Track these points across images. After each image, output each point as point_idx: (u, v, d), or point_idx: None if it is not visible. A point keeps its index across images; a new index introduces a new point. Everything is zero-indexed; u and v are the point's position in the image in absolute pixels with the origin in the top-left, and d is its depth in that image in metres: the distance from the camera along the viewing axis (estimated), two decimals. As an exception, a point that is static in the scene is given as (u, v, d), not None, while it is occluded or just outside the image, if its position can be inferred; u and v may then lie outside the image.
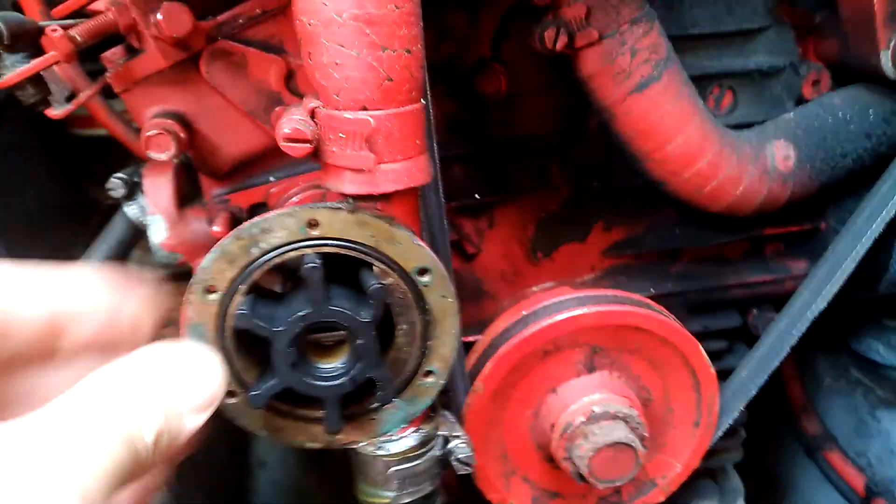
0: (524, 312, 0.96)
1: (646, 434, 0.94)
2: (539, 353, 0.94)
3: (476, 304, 1.06)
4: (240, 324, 0.68)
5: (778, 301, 1.08)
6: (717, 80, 0.99)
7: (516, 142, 0.98)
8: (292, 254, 0.68)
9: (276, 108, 0.86)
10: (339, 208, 0.68)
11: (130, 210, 1.05)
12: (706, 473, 1.18)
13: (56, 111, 0.95)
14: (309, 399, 0.74)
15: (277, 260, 0.68)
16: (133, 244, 1.12)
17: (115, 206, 1.12)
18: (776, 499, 1.60)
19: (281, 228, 0.68)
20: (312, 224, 0.68)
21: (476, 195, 0.99)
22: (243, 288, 0.69)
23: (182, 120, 0.88)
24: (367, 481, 0.80)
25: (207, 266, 0.68)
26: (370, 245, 0.69)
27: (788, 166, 0.93)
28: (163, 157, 0.85)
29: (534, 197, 1.02)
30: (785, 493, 1.61)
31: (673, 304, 1.01)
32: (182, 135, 0.86)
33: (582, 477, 0.93)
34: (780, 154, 0.93)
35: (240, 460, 1.90)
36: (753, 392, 1.01)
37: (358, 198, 0.68)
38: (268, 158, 0.91)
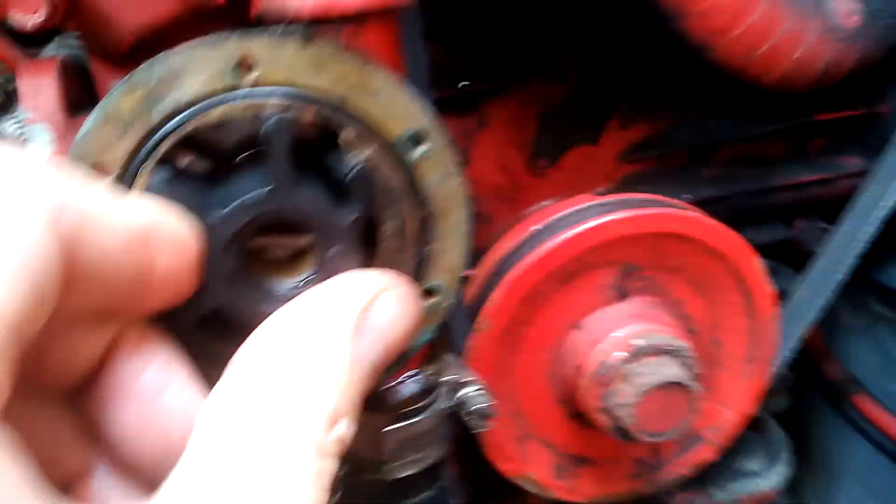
0: (534, 228, 0.75)
1: (699, 372, 0.73)
2: (558, 276, 0.73)
3: (466, 231, 0.84)
4: None
5: (827, 208, 0.89)
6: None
7: (511, 13, 0.76)
8: (216, 112, 0.45)
9: (192, -42, 0.63)
10: (286, 37, 0.45)
11: (6, 125, 0.80)
12: (748, 425, 0.99)
13: None
14: None
15: (194, 124, 0.45)
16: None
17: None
18: (799, 459, 1.43)
19: (198, 71, 0.45)
20: (245, 64, 0.45)
21: (461, 84, 0.77)
22: (147, 168, 0.46)
23: (62, -24, 0.63)
24: (356, 446, 0.57)
25: (88, 137, 0.45)
26: (335, 95, 0.46)
27: (853, 23, 0.74)
28: (29, 22, 0.60)
29: (534, 86, 0.80)
30: (808, 451, 1.44)
31: (710, 214, 0.81)
32: (60, -7, 0.61)
33: (624, 432, 0.72)
34: (843, 9, 0.74)
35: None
36: (815, 315, 0.82)
37: (312, 23, 0.45)
38: (180, 32, 0.67)
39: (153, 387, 0.42)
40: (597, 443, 0.81)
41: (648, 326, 0.73)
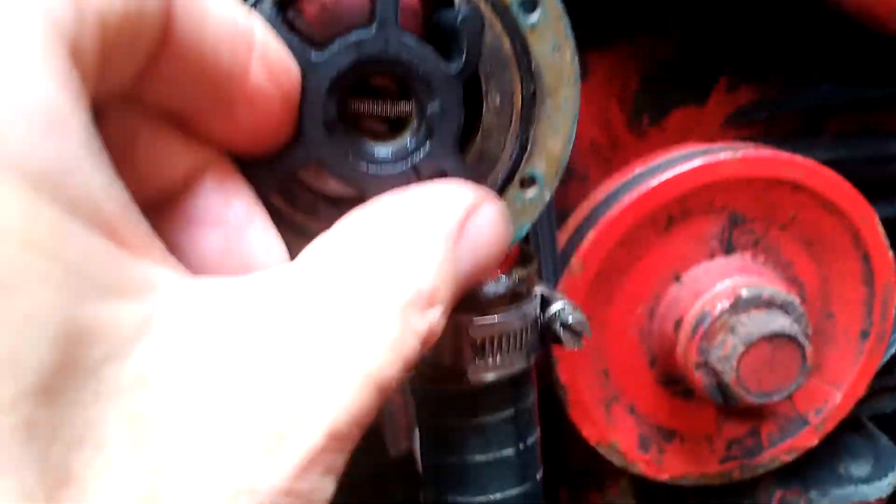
0: (637, 171, 0.71)
1: (810, 332, 0.67)
2: (660, 220, 0.69)
3: (559, 187, 0.81)
4: None
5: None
6: None
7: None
8: None
9: None
10: None
11: None
12: (851, 428, 0.90)
13: None
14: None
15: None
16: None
17: None
18: None
19: None
20: None
21: (567, 28, 0.75)
22: None
23: None
24: (431, 354, 0.54)
25: None
26: None
27: None
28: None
29: (640, 39, 0.77)
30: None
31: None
32: None
33: (724, 389, 0.66)
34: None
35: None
36: (939, 294, 0.75)
37: None
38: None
39: (238, 220, 0.40)
40: (688, 415, 0.75)
41: (756, 279, 0.68)
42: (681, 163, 0.68)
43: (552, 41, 0.48)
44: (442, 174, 0.45)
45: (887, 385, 0.88)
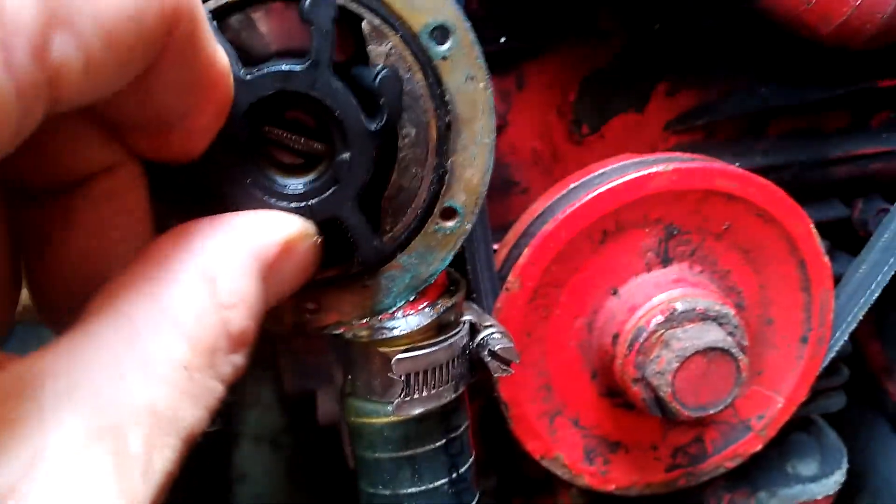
0: (573, 185, 0.71)
1: (745, 343, 0.68)
2: (595, 234, 0.68)
3: (501, 200, 0.81)
4: None
5: (889, 188, 0.84)
6: None
7: (553, -34, 0.73)
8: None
9: None
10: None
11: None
12: (799, 427, 0.91)
13: None
14: None
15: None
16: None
17: None
18: (857, 485, 1.33)
19: None
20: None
21: (500, 39, 0.74)
22: None
23: None
24: (359, 392, 0.53)
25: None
26: None
27: (922, -25, 0.69)
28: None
29: (577, 47, 0.77)
30: (866, 475, 1.34)
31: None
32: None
33: (661, 404, 0.66)
34: (911, -41, 0.69)
35: (217, 473, 1.67)
36: (875, 294, 0.76)
37: None
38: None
39: (116, 230, 0.40)
40: (632, 426, 0.75)
41: (691, 291, 0.68)
42: (614, 177, 0.67)
43: (465, 72, 0.47)
44: (335, 220, 0.45)
45: (834, 384, 0.89)
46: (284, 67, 0.42)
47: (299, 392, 1.16)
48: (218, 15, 0.43)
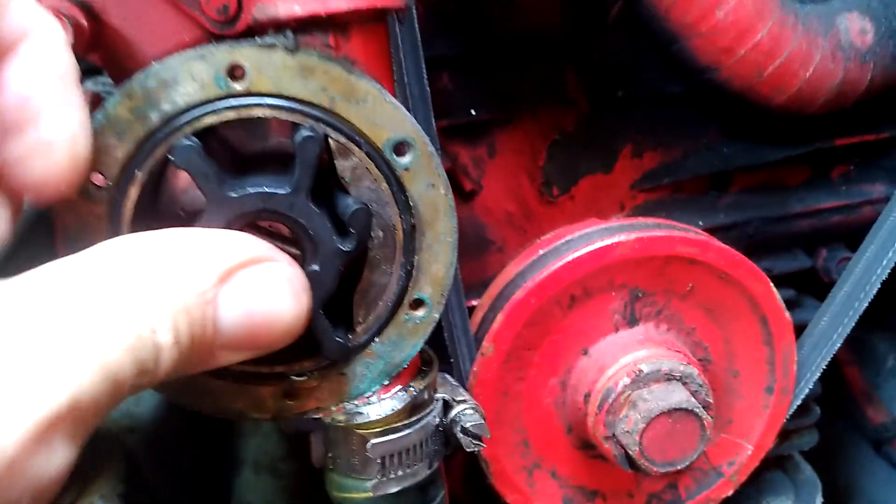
0: (542, 251, 0.75)
1: (710, 400, 0.71)
2: (563, 300, 0.72)
3: (477, 259, 0.84)
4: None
5: (851, 237, 0.87)
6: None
7: (519, 39, 0.77)
8: (208, 119, 0.47)
9: (208, -11, 0.66)
10: (273, 45, 0.46)
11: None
12: (774, 464, 0.95)
13: None
14: None
15: (188, 129, 0.47)
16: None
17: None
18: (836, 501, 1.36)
19: (189, 80, 0.47)
20: (235, 73, 0.47)
21: (471, 112, 0.78)
22: (141, 175, 0.48)
23: (86, 7, 0.67)
24: (340, 469, 0.57)
25: (86, 143, 0.47)
26: (321, 105, 0.48)
27: (866, 42, 0.73)
28: (54, 48, 0.64)
29: (544, 113, 0.80)
30: (850, 496, 1.37)
31: (726, 242, 0.79)
32: (84, 22, 0.65)
33: (630, 461, 0.70)
34: (855, 27, 0.73)
35: (219, 501, 1.70)
36: (837, 345, 0.79)
37: (300, 28, 0.47)
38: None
39: None
40: (608, 475, 0.79)
41: (656, 352, 0.71)
42: (579, 246, 0.71)
43: (426, 180, 0.51)
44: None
45: (806, 424, 0.93)
46: (267, 190, 0.47)
47: (294, 432, 1.19)
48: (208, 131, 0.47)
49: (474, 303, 0.80)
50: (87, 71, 0.97)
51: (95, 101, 0.83)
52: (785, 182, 0.86)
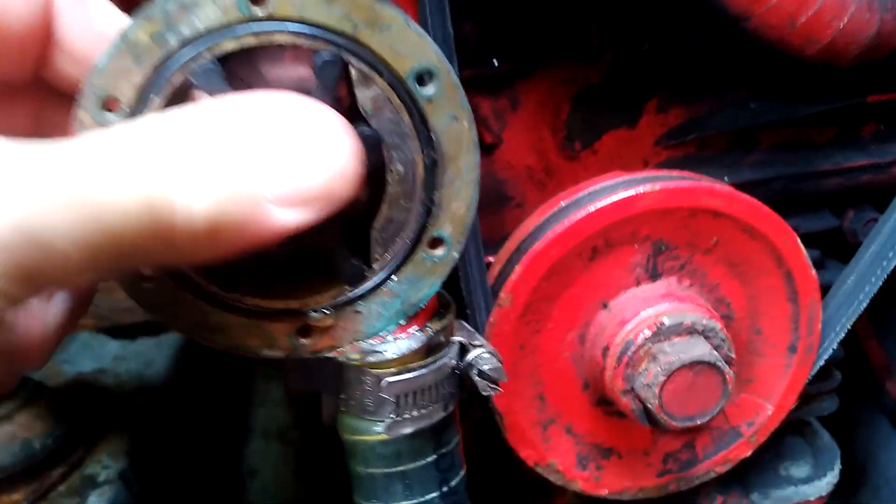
0: (563, 203, 0.73)
1: (732, 355, 0.70)
2: (585, 252, 0.71)
3: (496, 214, 0.83)
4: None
5: (879, 198, 0.85)
6: None
7: (544, -11, 0.75)
8: (228, 44, 0.46)
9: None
10: (297, -31, 0.45)
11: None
12: (793, 429, 0.94)
13: None
14: (268, 282, 0.52)
15: (207, 55, 0.46)
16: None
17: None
18: (857, 482, 1.35)
19: (209, 3, 0.45)
20: (257, -3, 0.46)
21: (493, 61, 0.77)
22: (158, 100, 0.47)
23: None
24: (353, 409, 0.56)
25: (103, 67, 0.46)
26: (344, 31, 0.47)
27: (904, -6, 0.70)
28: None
29: (568, 66, 0.79)
30: (866, 469, 1.36)
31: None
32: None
33: (649, 414, 0.69)
34: (893, -21, 0.70)
35: (227, 470, 1.71)
36: (864, 304, 0.77)
37: (324, -47, 0.45)
38: None
39: None
40: (624, 433, 0.78)
41: (678, 306, 0.70)
42: (603, 196, 0.69)
43: (449, 112, 0.50)
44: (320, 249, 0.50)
45: (827, 389, 0.91)
46: None
47: (303, 393, 1.19)
48: (222, 60, 0.46)
49: (491, 259, 0.79)
50: None
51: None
52: (813, 139, 0.84)
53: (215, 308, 0.51)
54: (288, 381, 1.04)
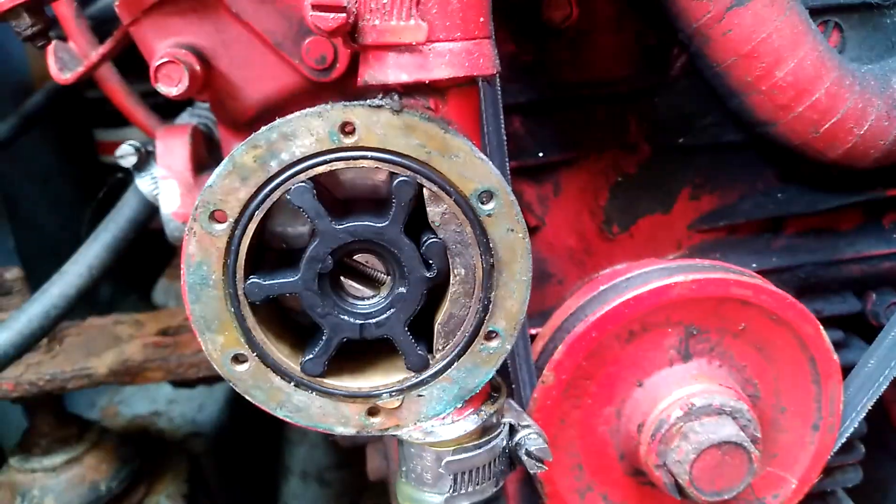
0: (602, 287, 0.80)
1: (758, 434, 0.75)
2: (622, 334, 0.77)
3: (539, 290, 0.89)
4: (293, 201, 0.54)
5: (901, 283, 0.90)
6: (821, 14, 0.83)
7: (587, 87, 0.83)
8: (321, 168, 0.54)
9: (307, 40, 0.73)
10: (381, 106, 0.53)
11: (142, 182, 0.92)
12: (818, 499, 0.98)
13: (65, 75, 0.85)
14: (339, 361, 0.59)
15: (302, 177, 0.54)
16: (145, 225, 0.99)
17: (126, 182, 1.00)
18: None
19: (306, 134, 0.53)
20: (346, 129, 0.53)
21: (539, 154, 0.84)
22: (258, 214, 0.54)
23: (198, 54, 0.75)
24: (412, 481, 0.63)
25: (214, 185, 0.54)
26: (419, 159, 0.54)
27: (921, 103, 0.76)
28: (173, 90, 0.71)
29: (607, 156, 0.86)
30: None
31: (778, 284, 0.83)
32: (197, 67, 0.73)
33: (680, 489, 0.74)
34: (911, 88, 0.77)
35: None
36: (884, 386, 0.82)
37: (405, 92, 0.53)
38: (298, 102, 0.77)
39: None
40: (656, 502, 0.83)
41: (708, 387, 0.76)
42: (639, 284, 0.76)
43: (505, 225, 0.57)
44: (384, 339, 0.57)
45: (850, 461, 0.95)
46: (367, 222, 0.54)
47: (350, 445, 1.26)
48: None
49: (534, 331, 0.85)
50: (183, 103, 1.06)
51: (195, 133, 0.92)
52: (837, 227, 0.90)
53: (300, 389, 0.58)
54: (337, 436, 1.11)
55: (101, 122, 1.68)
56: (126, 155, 0.89)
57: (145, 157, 0.91)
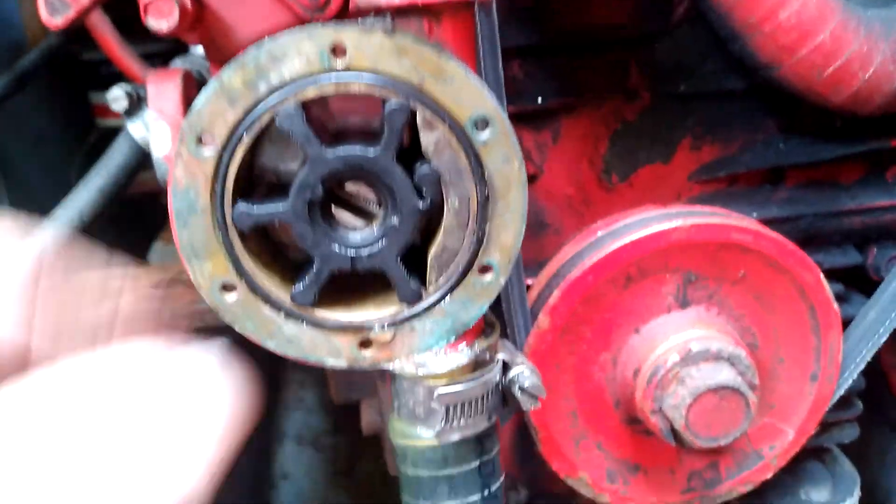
0: (600, 233, 0.79)
1: (756, 382, 0.74)
2: (619, 280, 0.76)
3: (536, 240, 0.89)
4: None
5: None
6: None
7: (587, 33, 0.81)
8: (310, 91, 0.53)
9: (302, -25, 0.72)
10: (373, 27, 0.52)
11: (133, 127, 0.91)
12: (814, 455, 0.97)
13: (56, 19, 0.84)
14: (331, 294, 0.58)
15: (292, 100, 0.52)
16: (136, 172, 0.98)
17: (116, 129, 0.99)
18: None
19: (296, 54, 0.52)
20: (337, 50, 0.52)
21: (538, 99, 0.83)
22: (247, 138, 0.53)
23: (188, -12, 0.73)
24: (405, 416, 0.62)
25: (201, 107, 0.53)
26: (412, 82, 0.53)
27: (928, 48, 0.75)
28: (163, 26, 0.70)
29: (608, 104, 0.84)
30: (886, 499, 1.38)
31: (779, 234, 0.82)
32: (188, 3, 0.71)
33: (676, 434, 0.74)
34: (917, 33, 0.75)
35: (261, 472, 1.78)
36: (884, 338, 0.82)
37: (397, 13, 0.52)
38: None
39: None
40: (651, 450, 0.82)
41: (706, 333, 0.75)
42: (637, 228, 0.75)
43: (502, 154, 0.56)
44: (375, 270, 0.56)
45: (848, 417, 0.95)
46: (358, 150, 0.53)
47: (345, 401, 1.26)
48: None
49: (530, 282, 0.84)
50: (177, 49, 1.04)
51: (187, 77, 0.91)
52: (839, 179, 0.89)
53: (290, 320, 0.57)
54: (331, 391, 1.12)
55: (96, 84, 1.67)
56: (118, 98, 0.88)
57: (136, 102, 0.90)
